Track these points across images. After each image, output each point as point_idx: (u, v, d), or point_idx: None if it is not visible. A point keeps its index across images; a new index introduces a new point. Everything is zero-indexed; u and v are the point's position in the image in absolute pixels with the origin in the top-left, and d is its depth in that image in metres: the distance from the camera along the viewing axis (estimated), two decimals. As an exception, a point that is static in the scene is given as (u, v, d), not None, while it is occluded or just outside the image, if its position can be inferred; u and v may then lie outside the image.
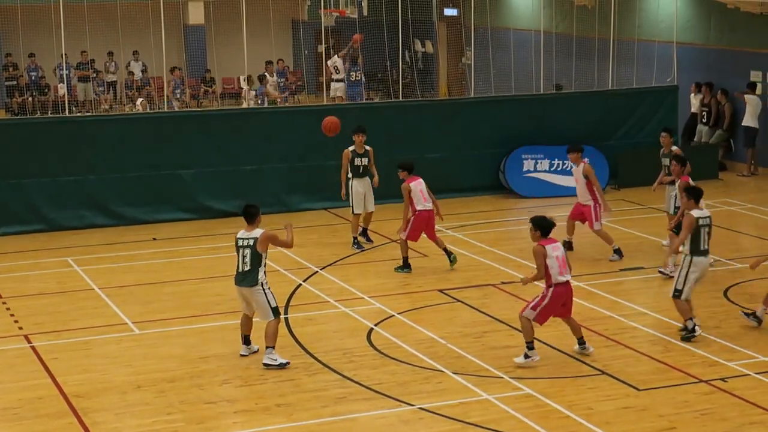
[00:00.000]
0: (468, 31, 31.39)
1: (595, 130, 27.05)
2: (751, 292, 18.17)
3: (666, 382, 14.26)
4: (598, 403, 13.65)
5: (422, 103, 28.57)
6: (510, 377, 14.49)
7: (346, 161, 21.21)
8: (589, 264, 20.07)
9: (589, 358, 15.15)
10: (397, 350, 15.62)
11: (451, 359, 15.22)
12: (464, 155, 25.75)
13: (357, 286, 18.76)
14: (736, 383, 14.23)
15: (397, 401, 13.82)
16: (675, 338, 15.87)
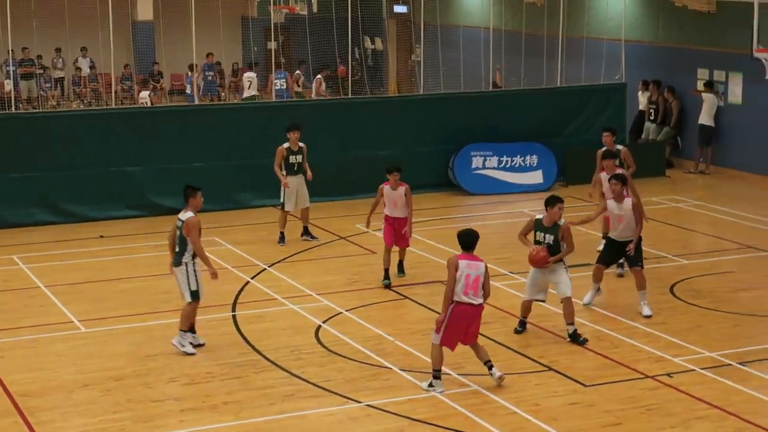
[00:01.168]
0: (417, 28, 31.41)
1: (543, 127, 27.18)
2: (696, 288, 18.32)
3: (612, 378, 14.35)
4: (545, 399, 13.71)
5: (372, 100, 28.56)
6: (457, 374, 14.52)
7: (280, 158, 21.20)
8: (538, 260, 20.11)
9: (537, 354, 15.22)
10: (345, 347, 15.62)
11: (399, 356, 15.24)
12: (413, 152, 25.76)
13: (305, 283, 18.73)
14: (681, 378, 14.35)
15: (345, 398, 13.82)
16: (622, 334, 15.98)
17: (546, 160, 26.64)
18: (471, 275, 13.83)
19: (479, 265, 13.88)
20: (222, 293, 18.12)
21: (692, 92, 28.63)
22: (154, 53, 39.39)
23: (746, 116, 27.34)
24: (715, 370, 14.60)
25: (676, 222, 22.53)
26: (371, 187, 25.00)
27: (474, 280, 13.82)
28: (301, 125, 21.59)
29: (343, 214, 23.78)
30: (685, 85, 28.97)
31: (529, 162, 26.57)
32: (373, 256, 20.50)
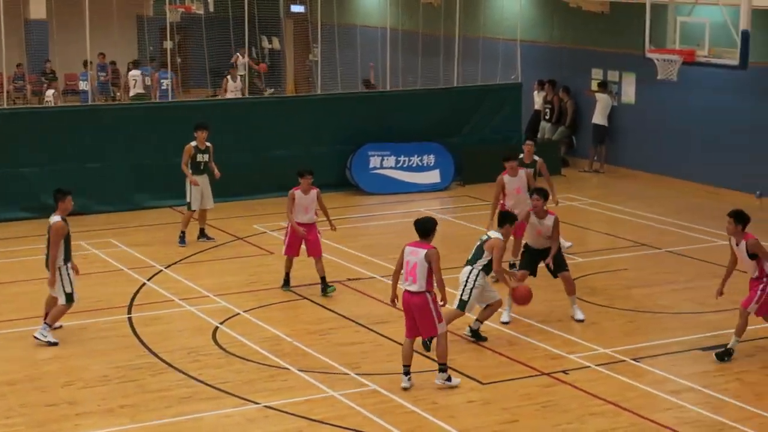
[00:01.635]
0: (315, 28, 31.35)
1: (440, 126, 27.30)
2: (591, 285, 18.54)
3: (509, 376, 14.45)
4: (442, 398, 13.76)
5: (269, 100, 28.45)
6: (355, 373, 14.53)
7: (187, 157, 20.99)
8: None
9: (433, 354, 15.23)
10: (242, 348, 15.53)
11: (296, 356, 15.19)
12: (311, 152, 25.69)
13: (202, 285, 18.59)
14: (576, 375, 14.50)
15: (242, 400, 13.73)
16: (519, 332, 16.10)
17: (443, 160, 26.77)
18: (410, 262, 13.87)
19: (418, 252, 13.81)
20: (118, 295, 17.93)
21: (587, 92, 28.96)
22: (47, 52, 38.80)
23: (639, 116, 27.75)
24: (610, 367, 14.78)
25: (571, 220, 22.73)
26: (268, 187, 25.10)
27: (412, 266, 13.81)
28: (209, 124, 21.42)
29: (241, 215, 23.66)
30: (579, 85, 29.32)
31: (426, 162, 26.68)
32: (270, 257, 20.43)
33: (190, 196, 21.11)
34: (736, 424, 12.92)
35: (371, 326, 16.47)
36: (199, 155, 21.05)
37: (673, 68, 20.54)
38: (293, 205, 17.97)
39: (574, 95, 29.43)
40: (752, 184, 24.82)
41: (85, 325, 16.52)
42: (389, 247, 20.73)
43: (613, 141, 28.45)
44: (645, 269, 19.52)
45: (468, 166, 26.99)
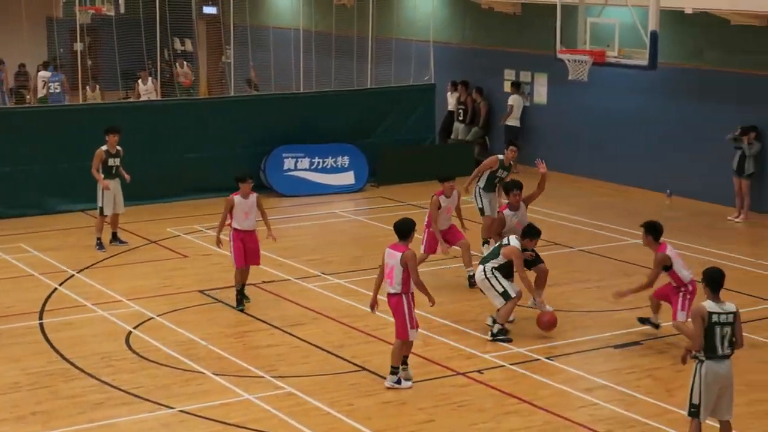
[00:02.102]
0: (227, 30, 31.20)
1: (354, 128, 27.30)
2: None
3: (425, 376, 14.48)
4: (359, 399, 13.77)
5: (182, 102, 28.24)
6: (271, 376, 14.47)
7: (98, 161, 20.75)
8: (349, 261, 20.23)
9: (350, 355, 15.26)
10: (156, 353, 15.40)
11: (211, 360, 15.10)
12: (225, 154, 25.54)
13: (116, 289, 18.40)
14: (492, 374, 14.59)
15: (157, 404, 13.62)
16: (434, 332, 16.14)
17: (357, 161, 26.78)
18: (388, 264, 13.96)
19: (395, 255, 13.84)
20: (29, 301, 17.70)
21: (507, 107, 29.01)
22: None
23: (551, 116, 28.00)
24: (525, 365, 14.89)
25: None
26: (181, 190, 24.95)
27: (390, 269, 13.91)
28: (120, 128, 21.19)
29: (153, 218, 23.46)
30: (493, 86, 29.50)
31: (340, 163, 26.66)
32: (184, 260, 20.29)
33: (102, 200, 20.88)
34: (648, 421, 13.08)
35: (286, 328, 16.43)
36: (111, 159, 20.82)
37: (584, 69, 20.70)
38: (232, 211, 17.24)
39: (488, 96, 29.60)
40: (663, 183, 25.17)
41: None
42: (303, 249, 20.74)
43: (525, 141, 28.62)
44: (558, 268, 19.64)
45: (382, 167, 27.03)
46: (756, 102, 23.14)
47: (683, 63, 24.57)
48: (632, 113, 25.82)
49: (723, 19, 23.07)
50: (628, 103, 25.89)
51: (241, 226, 17.28)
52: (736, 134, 22.99)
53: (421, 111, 28.53)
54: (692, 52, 24.46)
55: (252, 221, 17.39)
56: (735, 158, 23.03)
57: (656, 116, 25.29)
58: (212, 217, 23.11)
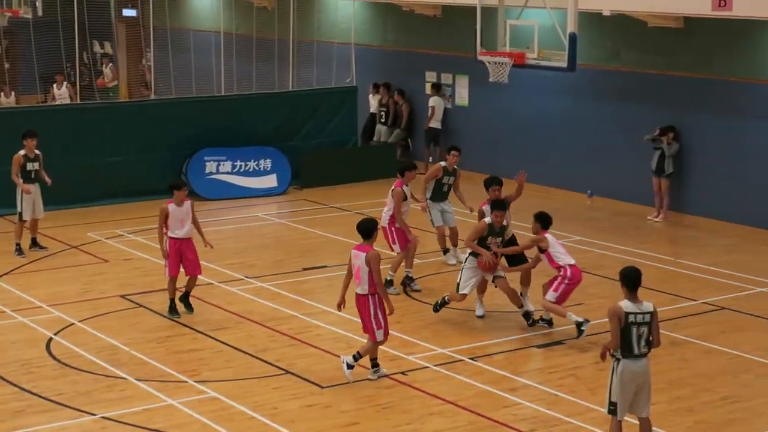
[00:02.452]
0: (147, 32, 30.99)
1: (277, 131, 27.22)
2: (429, 286, 18.70)
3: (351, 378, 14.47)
4: (283, 403, 13.73)
5: (102, 105, 27.98)
6: (194, 381, 14.38)
7: (17, 166, 20.47)
8: (273, 264, 20.18)
9: (274, 358, 15.21)
10: (78, 359, 15.24)
11: (134, 365, 14.97)
12: (146, 158, 25.37)
13: (36, 295, 18.17)
14: (415, 376, 14.62)
15: (78, 411, 13.48)
16: (357, 334, 16.10)
17: (280, 164, 26.71)
18: (355, 265, 14.17)
19: (360, 255, 14.06)
20: (-54, 308, 17.45)
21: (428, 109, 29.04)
22: None
23: (473, 118, 28.12)
24: (448, 366, 14.94)
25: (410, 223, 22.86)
26: (102, 194, 24.73)
27: (356, 269, 14.12)
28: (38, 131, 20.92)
29: (74, 223, 23.21)
30: (414, 88, 29.57)
31: (263, 166, 26.57)
32: (105, 265, 20.11)
33: (21, 205, 20.61)
34: (571, 419, 13.19)
35: (209, 333, 16.34)
36: (29, 164, 20.56)
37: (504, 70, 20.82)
38: (167, 219, 16.82)
39: (409, 98, 29.68)
40: (583, 183, 25.39)
41: None
42: (226, 253, 20.62)
43: (448, 143, 28.71)
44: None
45: (305, 170, 26.99)
46: (674, 103, 23.43)
47: (602, 65, 24.82)
48: (553, 114, 26.03)
49: (640, 21, 23.33)
50: (548, 104, 26.10)
51: (177, 234, 16.87)
52: (654, 135, 23.26)
53: (343, 113, 28.52)
54: (610, 54, 24.72)
55: (188, 229, 16.99)
56: (654, 158, 23.30)
57: (576, 117, 25.52)
58: (134, 222, 23.01)
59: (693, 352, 15.54)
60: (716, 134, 22.79)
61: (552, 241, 16.13)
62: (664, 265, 20.11)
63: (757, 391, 14.21)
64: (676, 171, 23.25)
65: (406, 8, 28.90)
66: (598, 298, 17.90)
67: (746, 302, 17.86)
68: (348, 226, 21.51)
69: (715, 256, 20.75)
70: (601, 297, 17.94)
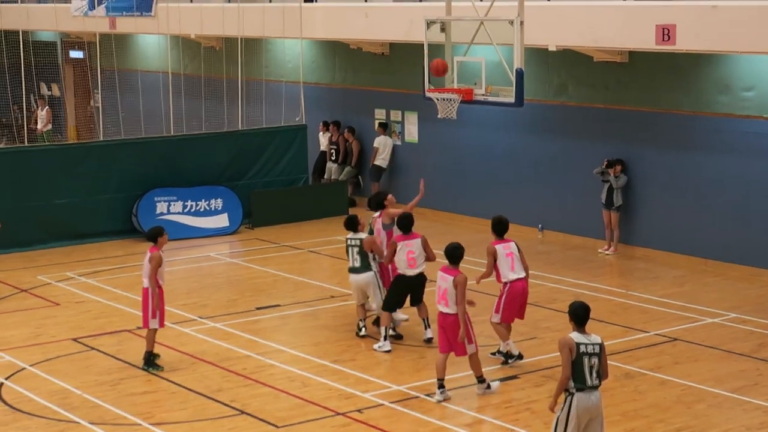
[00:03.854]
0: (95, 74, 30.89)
1: (227, 170, 27.20)
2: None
3: (304, 417, 14.41)
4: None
5: (49, 147, 27.82)
6: (148, 423, 14.26)
7: None
8: (225, 304, 20.09)
9: (229, 398, 15.13)
10: (29, 404, 15.07)
11: (86, 409, 14.82)
12: (95, 200, 25.25)
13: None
14: (371, 413, 14.58)
15: (31, 457, 13.35)
16: (312, 373, 16.08)
17: (231, 203, 26.65)
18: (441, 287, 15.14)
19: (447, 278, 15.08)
20: None
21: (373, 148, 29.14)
22: None
23: (423, 154, 28.20)
24: (403, 403, 14.91)
25: (361, 259, 22.89)
26: (51, 237, 24.59)
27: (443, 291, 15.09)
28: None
29: (22, 266, 23.02)
30: (364, 125, 29.64)
31: (214, 206, 26.51)
32: (56, 308, 19.95)
33: None
34: (528, 453, 13.21)
35: (162, 374, 16.21)
36: None
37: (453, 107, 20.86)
38: (159, 266, 16.24)
39: (359, 135, 29.74)
40: (534, 218, 25.50)
41: None
42: (178, 293, 20.52)
43: (399, 179, 28.83)
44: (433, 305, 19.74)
45: (256, 208, 26.95)
46: (621, 136, 23.63)
47: (549, 100, 25.01)
48: (502, 149, 26.18)
49: (586, 56, 23.55)
50: (498, 139, 26.24)
51: (163, 280, 16.55)
52: (602, 167, 23.44)
53: (293, 152, 28.53)
54: (558, 89, 24.92)
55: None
56: (603, 191, 23.47)
57: (526, 152, 25.67)
58: (84, 264, 22.87)
59: (646, 384, 15.60)
60: (663, 166, 23.01)
61: (502, 254, 16.36)
62: (615, 297, 20.22)
63: (709, 421, 14.29)
64: (625, 203, 23.42)
65: (353, 46, 29.00)
66: (551, 332, 17.97)
67: (697, 333, 17.98)
68: (300, 264, 21.60)
69: (665, 287, 20.90)
70: (554, 330, 18.00)
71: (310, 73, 30.40)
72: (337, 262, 18.27)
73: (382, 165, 28.81)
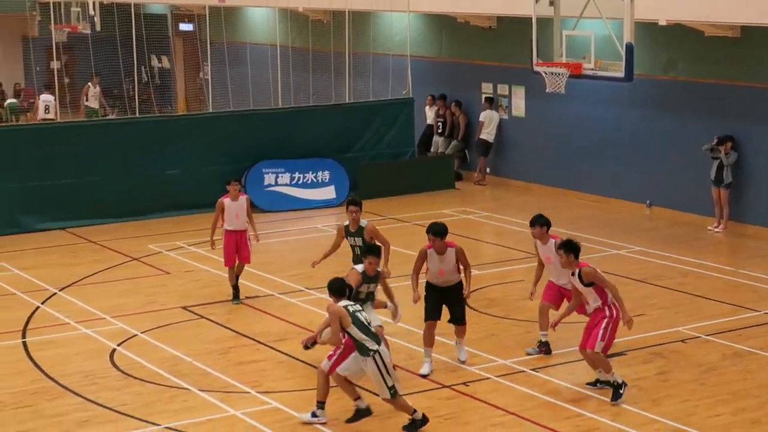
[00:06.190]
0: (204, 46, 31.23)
1: (334, 142, 27.36)
2: (489, 297, 18.69)
3: (410, 389, 14.44)
4: (344, 413, 13.75)
5: (160, 118, 28.22)
6: (256, 392, 14.46)
7: None
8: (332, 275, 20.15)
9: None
10: (141, 370, 15.37)
11: (196, 376, 15.07)
12: (204, 171, 25.56)
13: (98, 307, 18.36)
14: (477, 387, 14.61)
15: (142, 422, 13.60)
16: (418, 345, 16.13)
17: (338, 176, 26.83)
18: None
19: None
20: (11, 320, 17.65)
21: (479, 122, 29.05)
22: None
23: (530, 128, 28.07)
24: (510, 377, 14.92)
25: (467, 233, 22.89)
26: (162, 206, 24.94)
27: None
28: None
29: (134, 236, 23.43)
30: (471, 99, 29.57)
31: (321, 178, 26.70)
32: (166, 277, 20.27)
33: None
34: (635, 430, 13.11)
35: (271, 344, 16.42)
36: None
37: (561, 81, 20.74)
38: (222, 213, 18.23)
39: (466, 109, 29.68)
40: (642, 193, 25.26)
41: (-22, 351, 16.28)
42: (286, 265, 20.74)
43: (505, 154, 28.75)
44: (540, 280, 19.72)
45: (363, 181, 27.07)
46: (731, 112, 23.27)
47: (659, 75, 24.70)
48: (611, 124, 25.94)
49: (697, 31, 23.20)
50: (606, 114, 26.01)
51: (232, 226, 18.30)
52: (712, 144, 23.12)
53: (399, 125, 28.60)
54: (667, 64, 24.60)
55: (243, 222, 18.40)
56: (713, 168, 23.15)
57: (634, 127, 25.40)
58: (194, 234, 23.17)
59: (756, 364, 15.39)
60: (776, 143, 22.64)
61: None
62: (724, 275, 19.96)
63: (821, 401, 14.09)
64: (735, 181, 23.07)
65: (461, 19, 28.92)
66: (657, 309, 17.83)
67: (809, 312, 17.72)
68: (406, 237, 21.63)
69: (776, 266, 20.61)
70: (661, 308, 17.87)
71: (417, 47, 30.39)
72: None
73: (488, 139, 28.75)
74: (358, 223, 16.47)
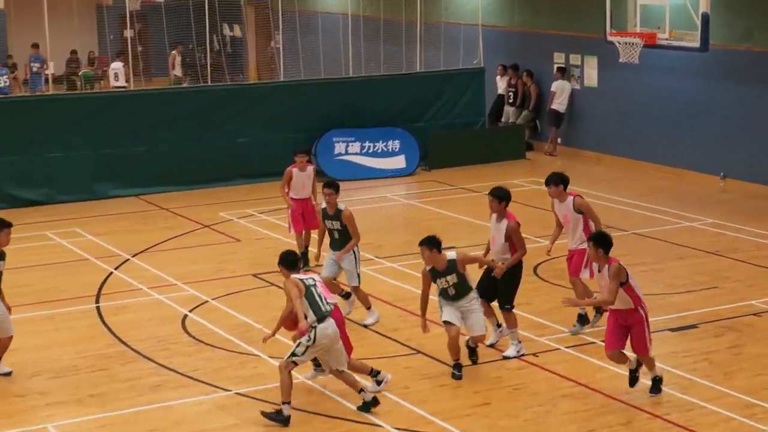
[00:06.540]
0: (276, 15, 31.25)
1: (405, 112, 27.34)
2: (560, 267, 18.54)
3: (480, 359, 14.45)
4: (414, 382, 13.79)
5: (232, 87, 28.34)
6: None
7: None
8: (401, 245, 20.21)
9: (404, 338, 15.29)
10: (212, 336, 15.50)
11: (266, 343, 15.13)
12: (275, 139, 25.65)
13: (170, 273, 18.52)
14: (546, 358, 14.56)
15: (213, 387, 13.72)
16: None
17: (408, 145, 26.80)
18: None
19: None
20: (85, 285, 17.87)
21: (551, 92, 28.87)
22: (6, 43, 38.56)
23: (602, 99, 27.84)
24: (580, 349, 14.86)
25: (538, 204, 22.76)
26: (233, 174, 25.09)
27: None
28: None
29: (205, 203, 23.59)
30: (543, 69, 29.37)
31: (391, 147, 26.70)
32: (237, 245, 20.41)
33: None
34: (706, 404, 13.01)
35: (340, 312, 16.44)
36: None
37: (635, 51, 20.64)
38: (290, 182, 18.81)
39: (538, 79, 29.49)
40: (716, 165, 24.98)
41: (53, 315, 16.48)
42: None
43: (577, 124, 28.55)
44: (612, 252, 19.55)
45: (433, 151, 27.03)
46: (810, 83, 22.93)
47: (735, 45, 24.36)
48: (684, 95, 25.64)
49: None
50: (680, 85, 25.71)
51: (299, 195, 18.93)
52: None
53: (470, 95, 28.50)
54: (743, 34, 24.24)
55: (309, 191, 19.04)
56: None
57: (708, 98, 25.10)
58: (264, 202, 23.29)
59: (833, 337, 15.22)
60: None
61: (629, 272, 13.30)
62: (799, 248, 19.72)
63: None
64: (811, 153, 22.76)
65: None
66: (731, 282, 17.65)
67: None
68: (476, 207, 21.56)
69: None
70: (735, 281, 17.69)
71: (488, 16, 30.22)
72: (513, 206, 18.11)
73: (560, 109, 28.58)
74: (336, 206, 16.29)
